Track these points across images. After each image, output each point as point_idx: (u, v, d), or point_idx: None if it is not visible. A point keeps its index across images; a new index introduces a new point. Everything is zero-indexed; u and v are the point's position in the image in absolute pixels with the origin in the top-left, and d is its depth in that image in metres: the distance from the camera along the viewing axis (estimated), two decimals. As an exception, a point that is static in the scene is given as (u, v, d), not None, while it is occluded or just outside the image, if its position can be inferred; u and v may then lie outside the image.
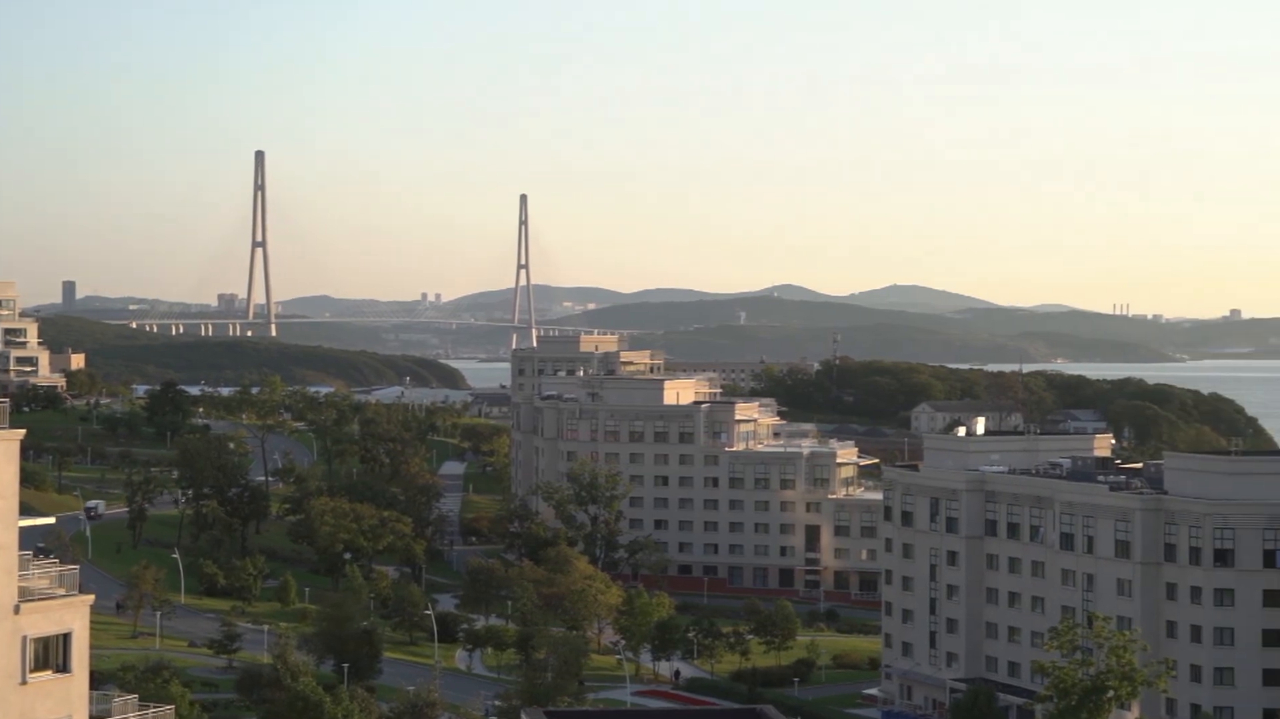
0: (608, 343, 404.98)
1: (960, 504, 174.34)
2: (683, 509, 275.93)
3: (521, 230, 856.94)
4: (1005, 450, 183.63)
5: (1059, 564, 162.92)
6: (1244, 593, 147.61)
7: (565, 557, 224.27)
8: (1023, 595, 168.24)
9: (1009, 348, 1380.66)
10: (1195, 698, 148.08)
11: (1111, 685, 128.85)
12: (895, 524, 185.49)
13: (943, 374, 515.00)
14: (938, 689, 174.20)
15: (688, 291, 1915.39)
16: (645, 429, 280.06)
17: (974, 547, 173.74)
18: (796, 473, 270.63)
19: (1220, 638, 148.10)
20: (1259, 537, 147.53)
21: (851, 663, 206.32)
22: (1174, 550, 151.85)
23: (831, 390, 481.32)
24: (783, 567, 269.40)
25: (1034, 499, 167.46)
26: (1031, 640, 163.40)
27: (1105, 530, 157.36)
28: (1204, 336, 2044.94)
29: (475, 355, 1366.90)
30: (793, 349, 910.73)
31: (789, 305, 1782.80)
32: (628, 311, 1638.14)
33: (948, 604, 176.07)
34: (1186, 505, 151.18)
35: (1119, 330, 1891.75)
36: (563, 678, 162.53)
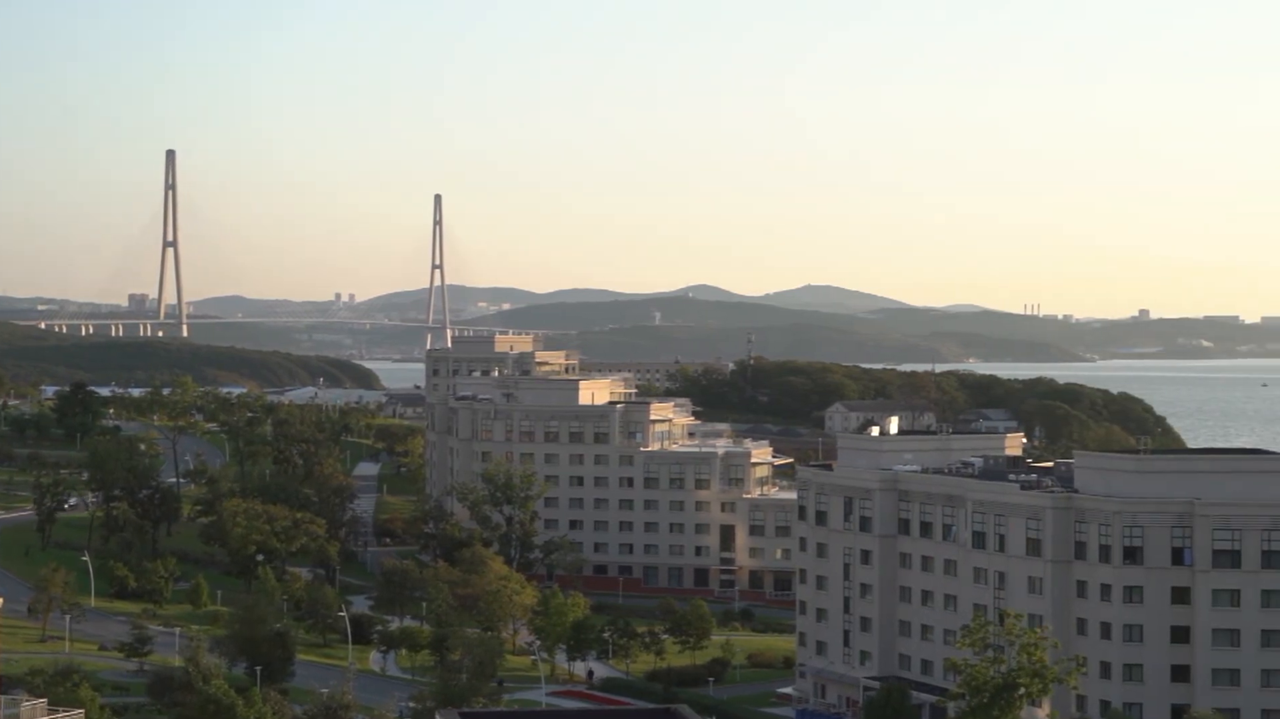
0: (523, 343, 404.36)
1: (874, 503, 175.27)
2: (598, 509, 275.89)
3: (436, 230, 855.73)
4: (918, 450, 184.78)
5: (971, 562, 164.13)
6: (1152, 590, 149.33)
7: (480, 557, 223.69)
8: (935, 594, 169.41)
9: (922, 348, 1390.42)
10: (1105, 694, 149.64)
11: (1023, 683, 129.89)
12: (809, 523, 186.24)
13: (856, 374, 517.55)
14: (852, 688, 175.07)
15: (603, 292, 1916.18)
16: (560, 429, 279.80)
17: (887, 545, 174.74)
18: (711, 473, 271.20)
19: (1129, 635, 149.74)
20: (1167, 534, 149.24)
21: (766, 662, 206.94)
22: (1084, 548, 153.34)
23: (746, 390, 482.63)
24: (698, 566, 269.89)
25: (946, 498, 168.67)
26: (944, 638, 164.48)
27: (1017, 529, 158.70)
28: (1113, 337, 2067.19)
29: (390, 356, 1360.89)
30: (708, 349, 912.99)
31: (704, 305, 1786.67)
32: (543, 312, 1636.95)
33: (861, 603, 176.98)
34: (1096, 504, 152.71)
35: (1030, 330, 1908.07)
36: (478, 679, 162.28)
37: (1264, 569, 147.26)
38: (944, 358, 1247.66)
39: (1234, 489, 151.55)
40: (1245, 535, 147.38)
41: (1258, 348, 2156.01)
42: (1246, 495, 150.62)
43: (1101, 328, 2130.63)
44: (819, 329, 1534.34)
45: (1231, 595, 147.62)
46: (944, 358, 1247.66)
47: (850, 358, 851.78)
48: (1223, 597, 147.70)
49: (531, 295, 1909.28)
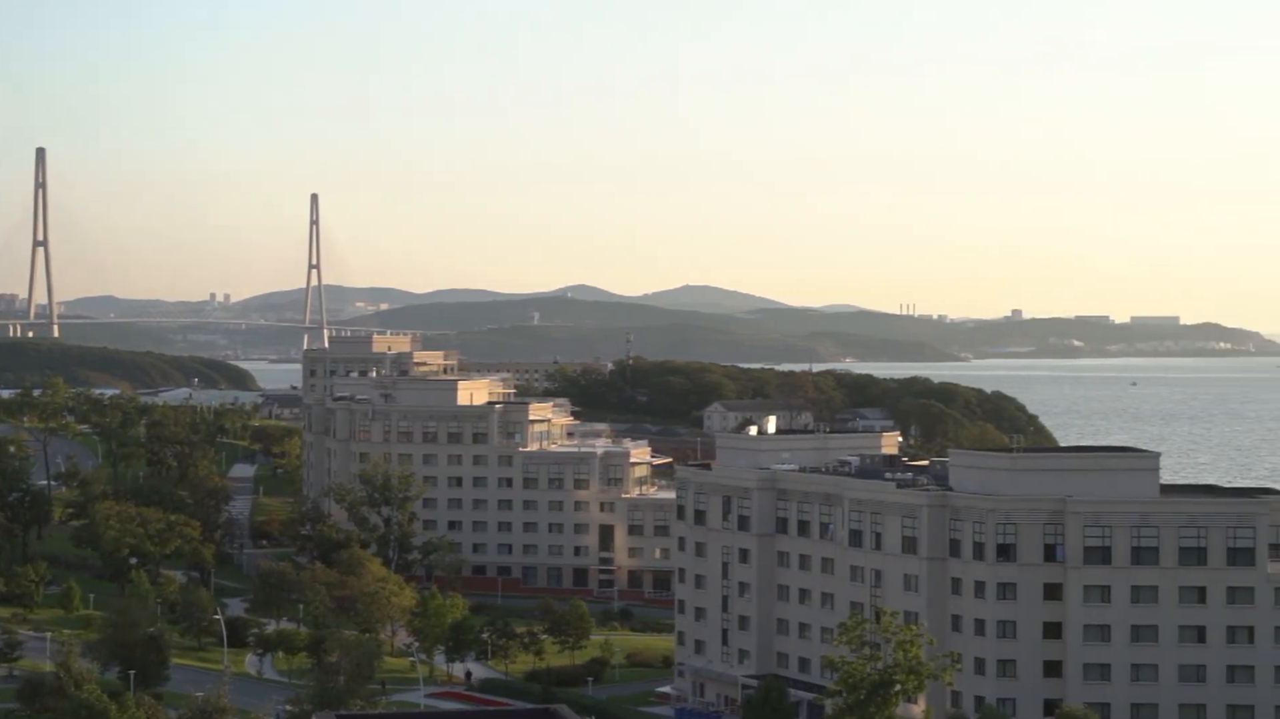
0: (400, 343, 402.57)
1: (752, 502, 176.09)
2: (477, 510, 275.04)
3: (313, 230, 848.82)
4: (796, 449, 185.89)
5: (848, 560, 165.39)
6: (1025, 587, 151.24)
7: (358, 559, 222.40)
8: (813, 592, 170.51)
9: (799, 347, 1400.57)
10: (979, 690, 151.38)
11: (899, 679, 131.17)
12: (688, 523, 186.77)
13: (734, 374, 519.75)
14: (730, 686, 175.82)
15: (481, 292, 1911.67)
16: (439, 430, 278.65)
17: (765, 544, 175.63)
18: (590, 473, 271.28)
19: (1003, 631, 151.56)
20: (1039, 532, 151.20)
21: (645, 661, 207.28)
22: (959, 546, 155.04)
23: (625, 390, 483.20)
24: (577, 566, 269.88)
25: (824, 497, 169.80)
26: (821, 636, 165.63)
27: (893, 527, 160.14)
28: (987, 336, 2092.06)
29: (266, 356, 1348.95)
30: (586, 349, 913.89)
31: (583, 306, 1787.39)
32: (421, 312, 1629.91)
33: (740, 602, 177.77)
34: (970, 502, 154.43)
35: (905, 330, 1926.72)
36: (355, 681, 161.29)
37: (1133, 565, 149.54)
38: (821, 357, 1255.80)
39: (1104, 487, 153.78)
40: (1115, 532, 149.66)
41: (1127, 347, 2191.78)
42: (1116, 493, 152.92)
43: (975, 328, 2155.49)
44: (697, 329, 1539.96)
45: (1102, 591, 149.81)
46: (821, 357, 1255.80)
47: (728, 358, 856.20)
48: (1093, 593, 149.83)
49: (410, 295, 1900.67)
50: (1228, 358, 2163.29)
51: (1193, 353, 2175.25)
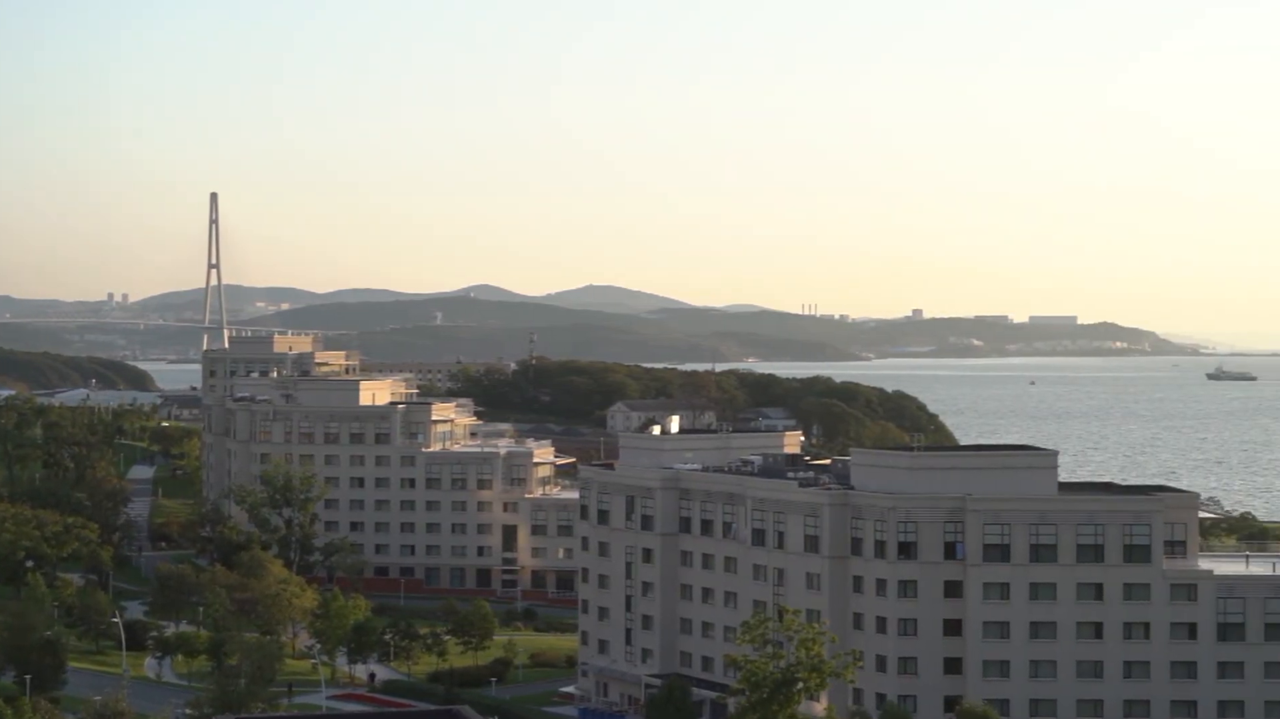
0: (302, 343, 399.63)
1: (655, 502, 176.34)
2: (379, 511, 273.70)
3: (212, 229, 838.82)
4: (699, 448, 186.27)
5: (751, 559, 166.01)
6: (926, 584, 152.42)
7: (259, 560, 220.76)
8: (716, 591, 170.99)
9: (702, 347, 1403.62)
10: (881, 687, 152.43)
11: (801, 677, 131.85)
12: (591, 523, 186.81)
13: (638, 373, 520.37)
14: (634, 686, 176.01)
15: (384, 292, 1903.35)
16: (341, 430, 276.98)
17: (669, 544, 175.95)
18: (493, 473, 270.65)
19: (904, 629, 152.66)
20: (940, 529, 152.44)
21: (549, 661, 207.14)
22: (860, 544, 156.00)
23: (528, 390, 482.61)
24: (480, 567, 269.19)
25: (727, 496, 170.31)
26: (725, 635, 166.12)
27: (795, 526, 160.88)
28: (888, 336, 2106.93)
29: (165, 357, 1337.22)
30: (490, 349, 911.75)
31: (486, 306, 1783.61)
32: (322, 312, 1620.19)
33: (643, 601, 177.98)
34: (872, 500, 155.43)
35: (808, 330, 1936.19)
36: (256, 684, 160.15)
37: (1032, 563, 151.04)
38: (724, 357, 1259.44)
39: (1004, 485, 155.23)
40: (1014, 530, 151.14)
41: (1025, 347, 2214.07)
42: (1015, 491, 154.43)
43: (876, 327, 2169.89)
44: (601, 329, 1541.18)
45: (1001, 589, 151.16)
46: (724, 357, 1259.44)
47: (632, 357, 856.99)
48: (993, 590, 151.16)
49: (311, 295, 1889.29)
50: (1124, 357, 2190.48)
51: (1089, 352, 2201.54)
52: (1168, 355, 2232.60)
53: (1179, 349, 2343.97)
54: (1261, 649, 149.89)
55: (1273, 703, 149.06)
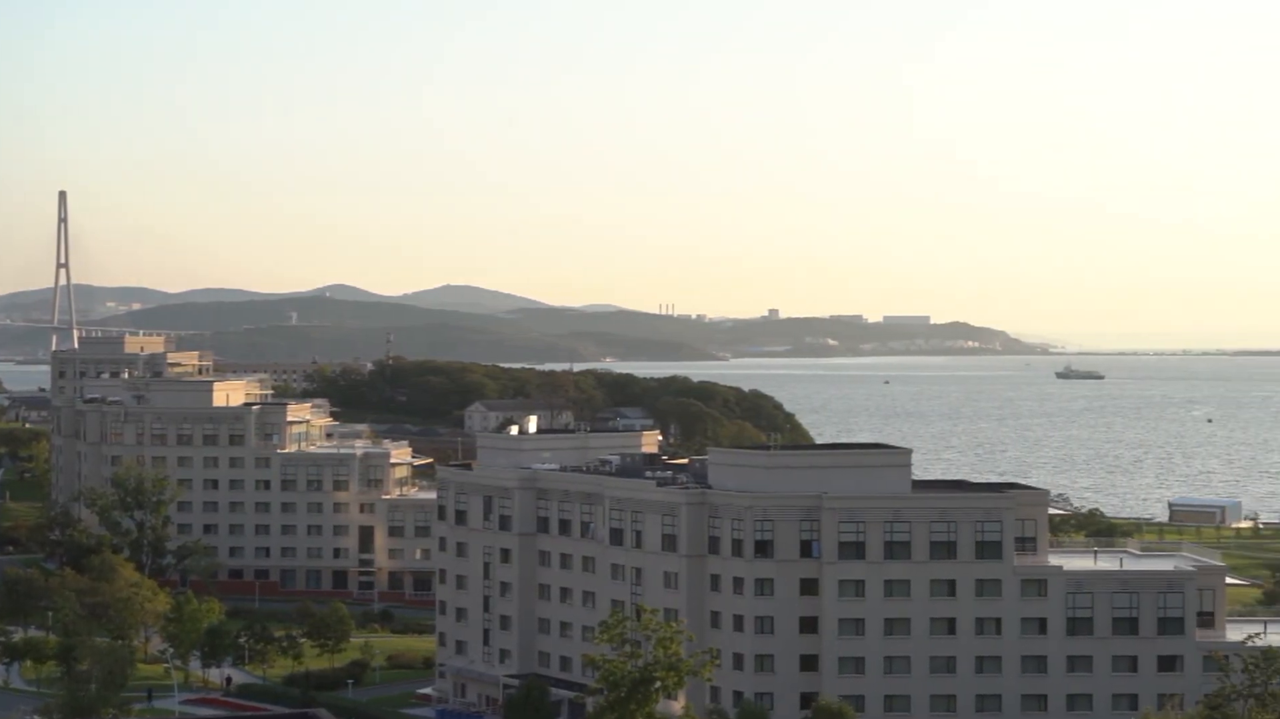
0: (154, 344, 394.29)
1: (513, 502, 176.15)
2: (233, 513, 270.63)
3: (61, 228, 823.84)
4: (556, 448, 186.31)
5: (609, 559, 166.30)
6: (782, 582, 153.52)
7: (110, 564, 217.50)
8: (574, 591, 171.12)
9: (560, 347, 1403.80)
10: (738, 685, 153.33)
11: (659, 676, 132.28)
12: (449, 523, 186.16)
13: (495, 373, 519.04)
14: (491, 686, 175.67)
15: (238, 292, 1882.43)
16: (194, 432, 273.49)
17: (527, 544, 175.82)
18: (350, 474, 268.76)
19: (761, 627, 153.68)
20: (796, 528, 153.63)
21: (406, 663, 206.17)
22: (718, 543, 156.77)
23: (385, 391, 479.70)
24: (336, 568, 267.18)
25: (584, 496, 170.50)
26: (583, 635, 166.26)
27: (653, 525, 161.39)
28: (744, 335, 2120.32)
29: (12, 358, 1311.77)
30: (346, 349, 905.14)
31: (342, 306, 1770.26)
32: (175, 312, 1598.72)
33: (501, 601, 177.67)
34: (729, 499, 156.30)
35: (665, 330, 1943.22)
36: (107, 689, 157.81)
37: (886, 560, 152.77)
38: (582, 357, 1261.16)
39: (859, 483, 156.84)
40: (869, 528, 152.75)
41: (880, 346, 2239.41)
42: (870, 489, 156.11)
43: (733, 327, 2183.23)
44: (458, 329, 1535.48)
45: (856, 586, 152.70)
46: (582, 357, 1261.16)
47: (489, 357, 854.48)
48: (848, 587, 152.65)
49: (163, 295, 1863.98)
50: (975, 356, 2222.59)
51: (942, 351, 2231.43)
52: (1018, 355, 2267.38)
53: (1029, 348, 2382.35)
54: (1109, 643, 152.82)
55: (1120, 696, 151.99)
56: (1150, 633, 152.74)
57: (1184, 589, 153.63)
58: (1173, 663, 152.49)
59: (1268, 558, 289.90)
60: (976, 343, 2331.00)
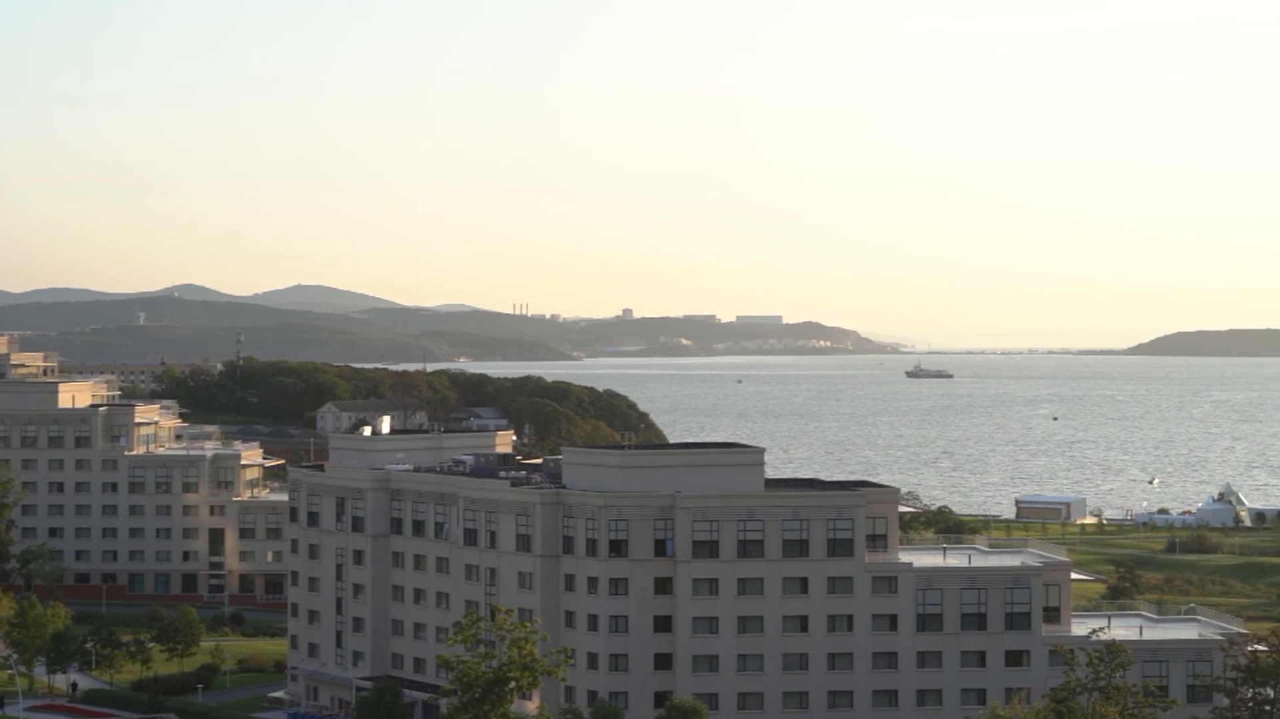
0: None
1: (366, 503, 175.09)
2: (80, 516, 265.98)
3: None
4: (410, 449, 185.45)
5: (463, 560, 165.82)
6: (637, 582, 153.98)
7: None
8: (428, 592, 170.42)
9: (413, 347, 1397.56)
10: (593, 685, 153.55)
11: (514, 676, 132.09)
12: (301, 525, 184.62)
13: (348, 374, 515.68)
14: (344, 689, 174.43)
15: (84, 291, 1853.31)
16: (39, 434, 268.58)
17: (380, 545, 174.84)
18: (199, 476, 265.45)
19: (615, 626, 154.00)
20: (650, 527, 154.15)
21: (257, 666, 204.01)
22: (572, 543, 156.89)
23: (235, 392, 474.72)
24: (186, 571, 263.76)
25: (438, 496, 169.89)
26: (437, 636, 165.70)
27: (507, 525, 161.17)
28: (599, 335, 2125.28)
29: None
30: (195, 350, 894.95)
31: (191, 306, 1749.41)
32: (18, 312, 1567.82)
33: (354, 603, 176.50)
34: (583, 499, 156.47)
35: (519, 330, 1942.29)
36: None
37: (740, 558, 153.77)
38: (436, 357, 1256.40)
39: (712, 482, 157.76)
40: (722, 526, 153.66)
41: (733, 345, 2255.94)
42: (723, 488, 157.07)
43: (588, 327, 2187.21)
44: (310, 329, 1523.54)
45: (710, 585, 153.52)
46: (436, 357, 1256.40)
47: (342, 358, 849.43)
48: (702, 586, 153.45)
49: (6, 295, 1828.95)
50: (827, 355, 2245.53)
51: (794, 350, 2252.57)
52: (869, 354, 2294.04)
53: (879, 348, 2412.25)
54: (958, 639, 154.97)
55: (969, 691, 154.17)
56: (998, 628, 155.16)
57: (1030, 585, 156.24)
58: (1020, 658, 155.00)
59: (1111, 553, 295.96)
60: (828, 342, 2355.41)
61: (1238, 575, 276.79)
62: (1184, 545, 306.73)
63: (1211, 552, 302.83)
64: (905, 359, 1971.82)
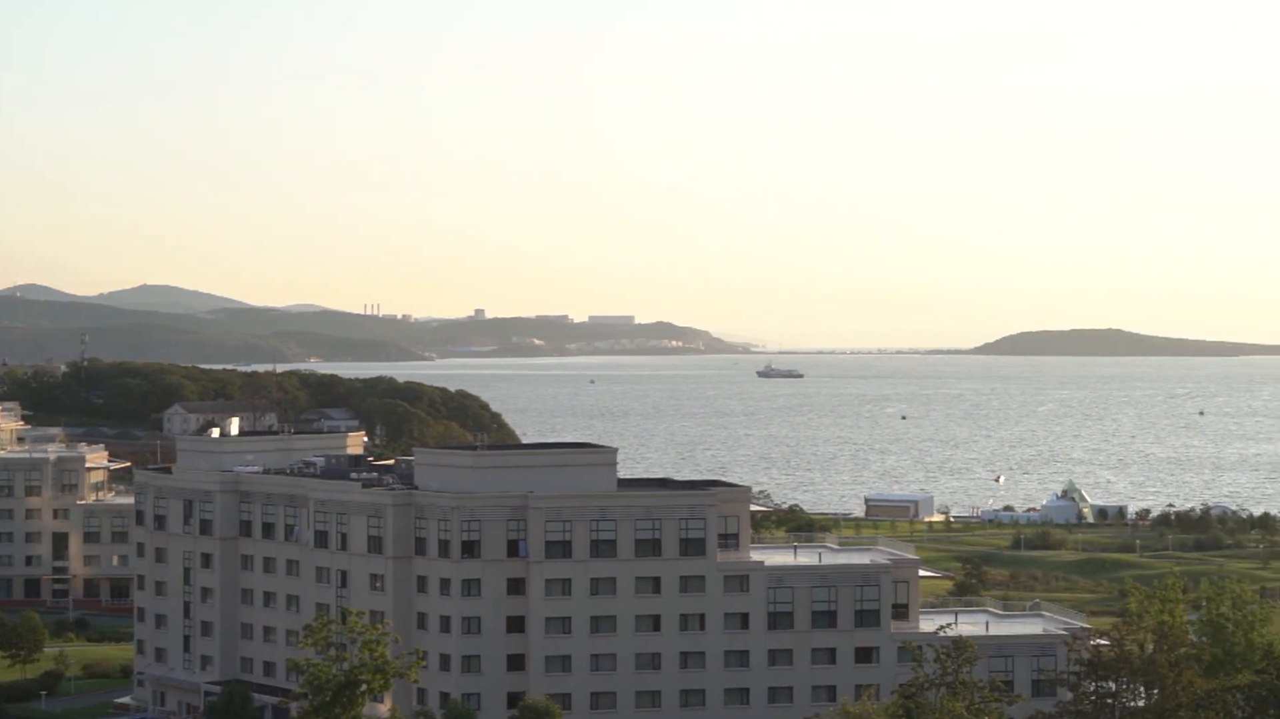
0: None
1: (214, 505, 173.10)
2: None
3: None
4: (260, 450, 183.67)
5: (314, 562, 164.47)
6: (489, 583, 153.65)
7: None
8: (278, 595, 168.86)
9: (263, 348, 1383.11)
10: (445, 686, 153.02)
11: (365, 679, 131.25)
12: (148, 528, 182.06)
13: (196, 375, 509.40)
14: (192, 694, 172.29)
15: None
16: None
17: (229, 548, 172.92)
18: (43, 479, 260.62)
19: (468, 627, 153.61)
20: (503, 528, 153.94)
21: (103, 672, 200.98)
22: (424, 544, 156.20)
23: (80, 393, 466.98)
24: (29, 576, 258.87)
25: (289, 498, 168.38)
26: (287, 639, 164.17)
27: (358, 527, 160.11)
28: (451, 335, 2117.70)
29: None
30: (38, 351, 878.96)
31: (34, 305, 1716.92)
32: None
33: (202, 607, 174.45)
34: (435, 500, 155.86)
35: (370, 330, 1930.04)
36: None
37: (592, 558, 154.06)
38: (286, 358, 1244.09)
39: (565, 482, 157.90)
40: (575, 526, 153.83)
41: (586, 345, 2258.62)
42: (576, 488, 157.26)
43: (439, 327, 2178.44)
44: (157, 330, 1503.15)
45: (563, 585, 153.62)
46: (286, 358, 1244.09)
47: (190, 358, 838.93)
48: (555, 586, 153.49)
49: None
50: (679, 355, 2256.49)
51: (647, 351, 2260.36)
52: (720, 354, 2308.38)
53: (731, 348, 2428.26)
54: (809, 636, 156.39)
55: (819, 687, 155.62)
56: (848, 625, 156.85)
57: (879, 582, 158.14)
58: (869, 654, 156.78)
59: (958, 550, 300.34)
60: (680, 342, 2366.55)
61: (1081, 571, 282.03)
62: (1029, 542, 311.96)
63: (1055, 548, 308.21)
64: (757, 359, 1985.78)
